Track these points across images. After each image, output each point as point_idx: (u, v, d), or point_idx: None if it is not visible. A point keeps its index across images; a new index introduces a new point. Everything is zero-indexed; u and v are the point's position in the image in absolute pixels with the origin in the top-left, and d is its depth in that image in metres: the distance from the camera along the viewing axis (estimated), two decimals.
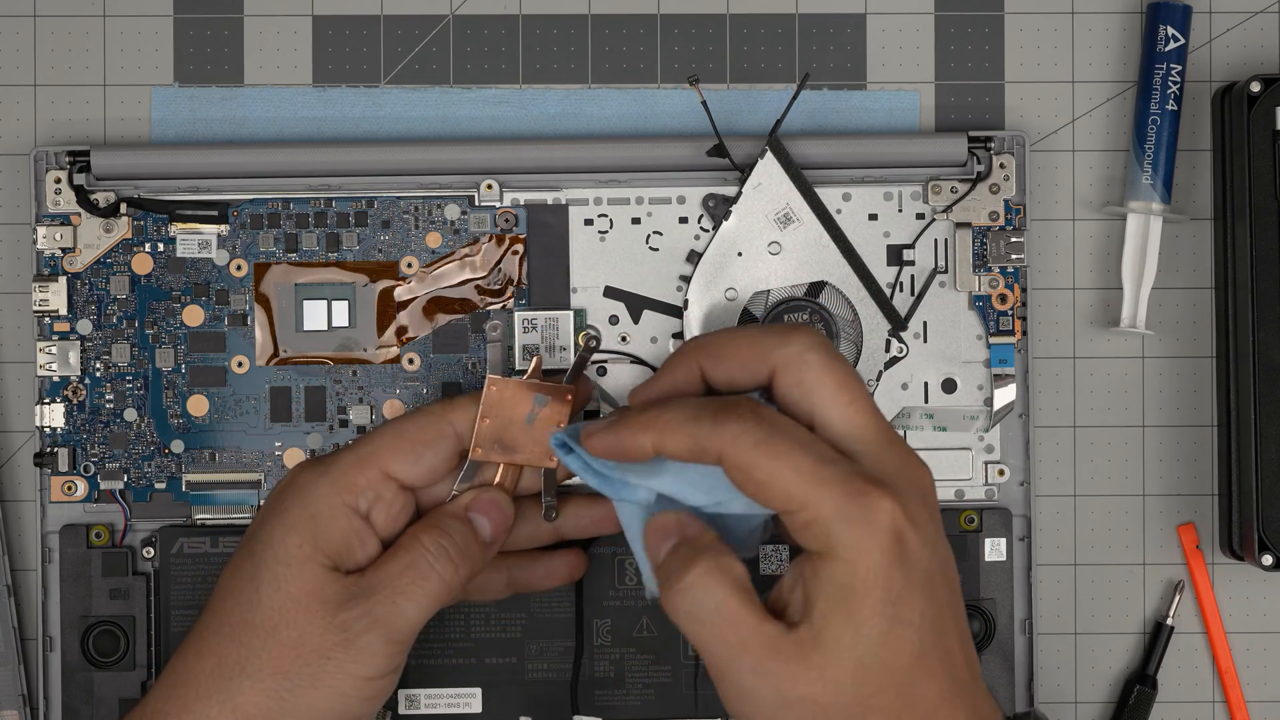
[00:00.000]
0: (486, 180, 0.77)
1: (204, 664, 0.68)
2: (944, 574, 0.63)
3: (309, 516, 0.68)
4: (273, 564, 0.68)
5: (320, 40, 0.80)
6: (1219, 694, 0.79)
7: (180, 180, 0.77)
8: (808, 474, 0.62)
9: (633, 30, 0.80)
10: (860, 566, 0.62)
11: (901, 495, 0.62)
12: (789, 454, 0.62)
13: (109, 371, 0.77)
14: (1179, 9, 0.78)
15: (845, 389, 0.64)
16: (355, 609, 0.67)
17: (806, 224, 0.77)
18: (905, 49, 0.80)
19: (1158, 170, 0.78)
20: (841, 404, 0.64)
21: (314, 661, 0.67)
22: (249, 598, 0.68)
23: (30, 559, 0.79)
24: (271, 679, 0.67)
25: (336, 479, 0.69)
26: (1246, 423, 0.76)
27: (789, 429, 0.63)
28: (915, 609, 0.62)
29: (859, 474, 0.62)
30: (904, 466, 0.64)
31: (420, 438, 0.70)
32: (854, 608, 0.62)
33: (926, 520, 0.63)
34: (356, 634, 0.67)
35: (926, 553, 0.62)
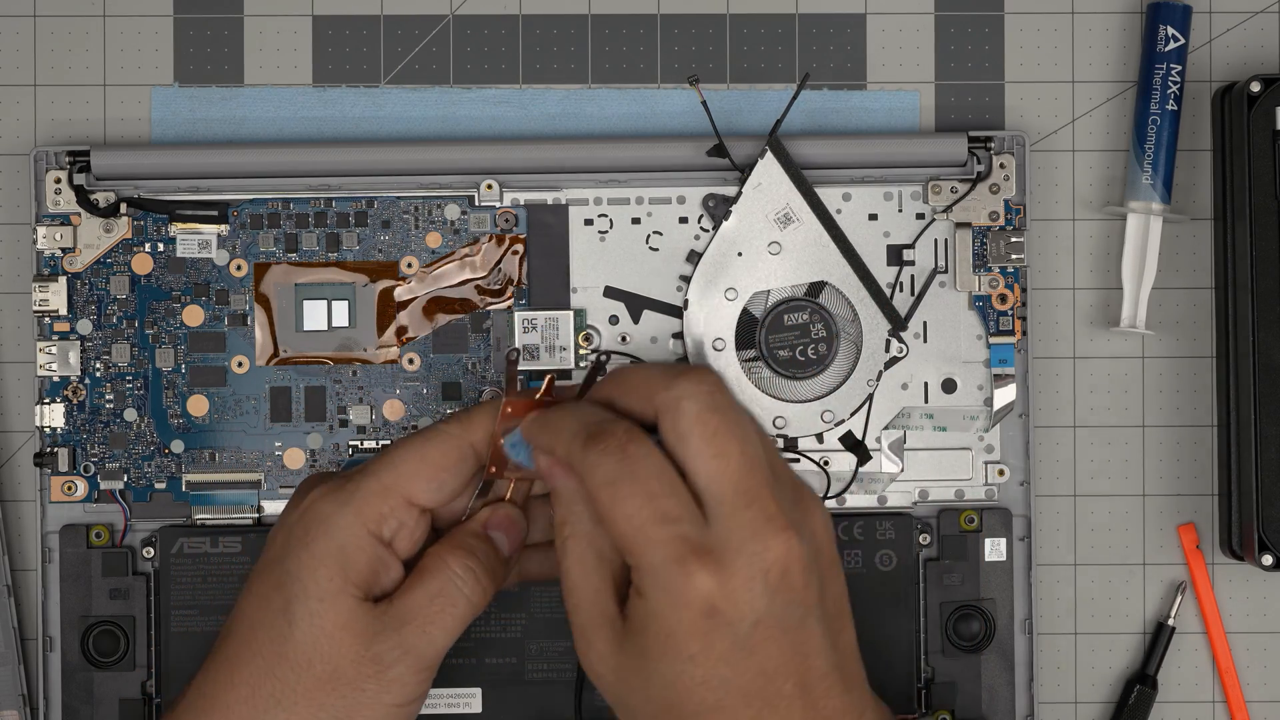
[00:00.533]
0: (486, 180, 0.77)
1: (236, 693, 0.68)
2: (776, 638, 0.64)
3: (336, 549, 0.68)
4: (304, 598, 0.68)
5: (320, 40, 0.80)
6: (1219, 694, 0.79)
7: (180, 180, 0.77)
8: (638, 527, 0.63)
9: (633, 30, 0.80)
10: (661, 623, 0.63)
11: (727, 568, 0.63)
12: (628, 501, 0.63)
13: (109, 371, 0.77)
14: (1179, 9, 0.78)
15: (713, 443, 0.64)
16: (388, 640, 0.68)
17: (806, 224, 0.77)
18: (905, 49, 0.80)
19: (1158, 170, 0.78)
20: (705, 457, 0.64)
21: (349, 694, 0.68)
22: (281, 631, 0.68)
23: (30, 559, 0.79)
24: (306, 710, 0.68)
25: (360, 509, 0.69)
26: (1246, 423, 0.76)
27: (645, 475, 0.64)
28: (712, 670, 0.63)
29: (687, 541, 0.63)
30: (752, 536, 0.63)
31: (442, 463, 0.70)
32: (648, 645, 0.64)
33: (757, 594, 0.63)
34: (389, 665, 0.68)
35: (745, 625, 0.63)
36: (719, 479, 0.64)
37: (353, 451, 0.78)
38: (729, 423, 0.64)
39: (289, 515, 0.70)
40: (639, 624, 0.64)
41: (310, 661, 0.68)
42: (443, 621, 0.69)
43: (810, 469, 0.77)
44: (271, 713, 0.68)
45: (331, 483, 0.70)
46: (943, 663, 0.77)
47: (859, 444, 0.77)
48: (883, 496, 0.78)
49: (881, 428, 0.78)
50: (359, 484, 0.69)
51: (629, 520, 0.63)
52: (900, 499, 0.78)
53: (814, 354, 0.77)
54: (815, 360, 0.77)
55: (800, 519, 0.65)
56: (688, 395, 0.64)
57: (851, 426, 0.78)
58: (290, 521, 0.70)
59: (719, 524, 0.64)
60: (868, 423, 0.78)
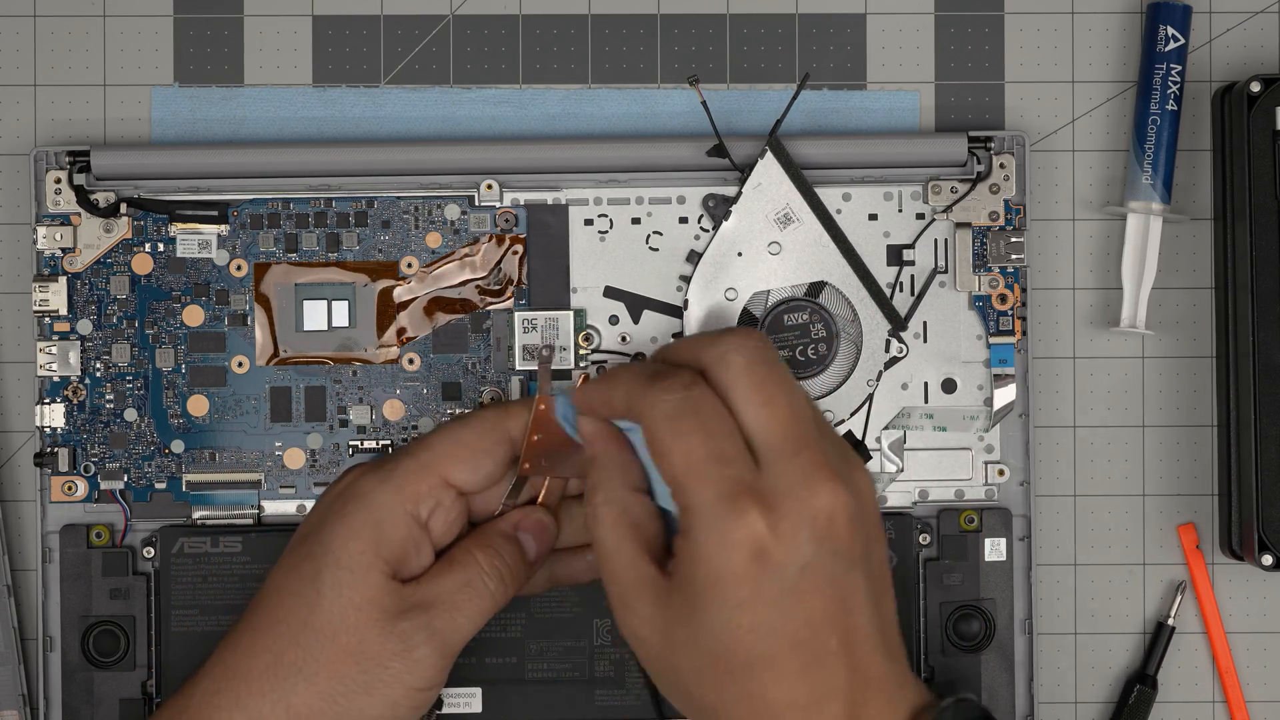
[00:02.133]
0: (486, 180, 0.77)
1: (258, 661, 0.68)
2: (822, 588, 0.64)
3: (373, 523, 0.69)
4: (334, 568, 0.68)
5: (320, 40, 0.80)
6: (1219, 694, 0.79)
7: (180, 180, 0.77)
8: (694, 464, 0.64)
9: (633, 30, 0.80)
10: (706, 567, 0.63)
11: (777, 512, 0.63)
12: (688, 437, 0.64)
13: (109, 371, 0.77)
14: (1179, 9, 0.78)
15: (760, 390, 0.65)
16: (414, 620, 0.68)
17: (806, 224, 0.77)
18: (905, 49, 0.80)
19: (1158, 170, 0.78)
20: (754, 404, 0.65)
21: (371, 669, 0.68)
22: (309, 600, 0.68)
23: (30, 559, 0.79)
24: (327, 682, 0.68)
25: (400, 485, 0.69)
26: (1246, 423, 0.76)
27: (706, 414, 0.64)
28: (761, 616, 0.63)
29: (741, 481, 0.64)
30: (800, 482, 0.64)
31: (479, 445, 0.70)
32: (696, 594, 0.64)
33: (804, 540, 0.63)
34: (414, 645, 0.68)
35: (793, 570, 0.63)
36: (768, 426, 0.65)
37: (352, 452, 0.78)
38: (775, 374, 0.65)
39: (328, 494, 0.71)
40: (686, 573, 0.64)
41: (336, 632, 0.68)
42: (468, 610, 0.69)
43: None
44: (292, 681, 0.68)
45: (372, 463, 0.71)
46: (943, 663, 0.77)
47: (859, 444, 0.77)
48: (883, 496, 0.78)
49: (881, 428, 0.78)
50: (398, 463, 0.70)
51: (687, 456, 0.64)
52: (900, 499, 0.78)
53: (814, 354, 0.77)
54: (815, 360, 0.77)
55: (847, 473, 0.65)
56: (734, 348, 0.65)
57: (851, 426, 0.78)
58: (329, 499, 0.71)
59: (769, 469, 0.64)
60: (868, 423, 0.78)
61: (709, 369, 0.66)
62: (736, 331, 0.66)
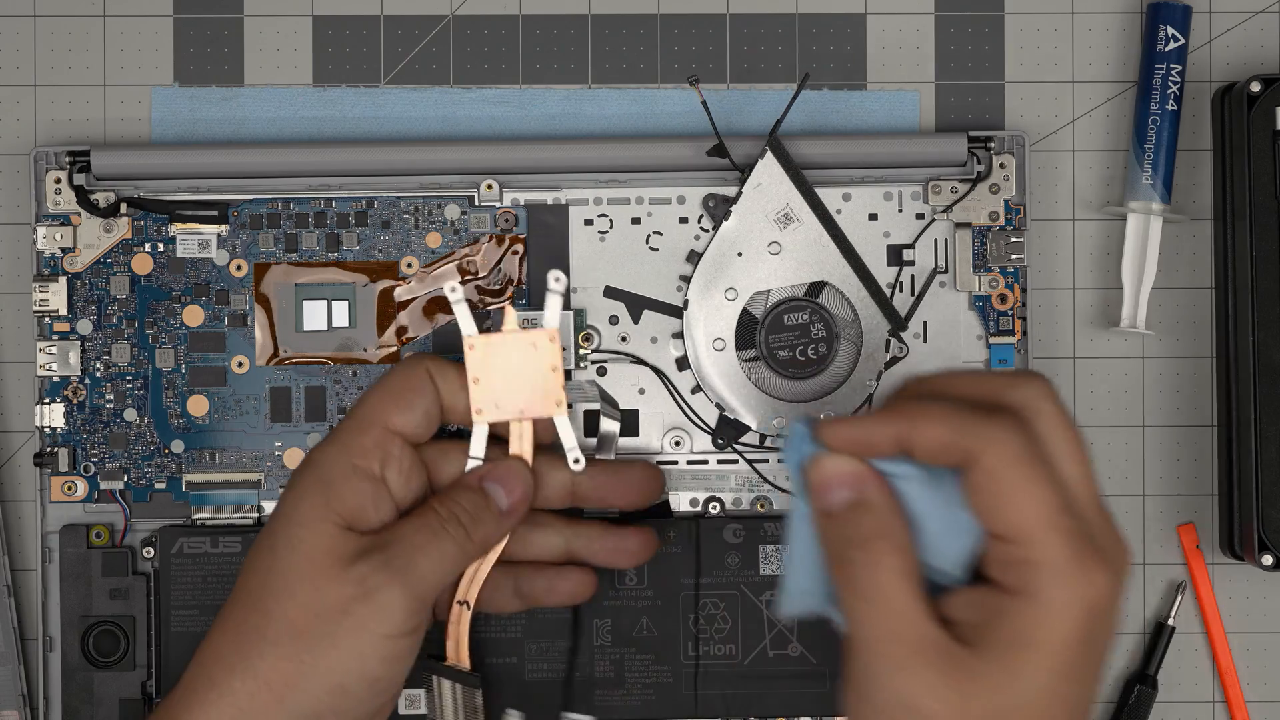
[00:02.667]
0: (486, 180, 0.77)
1: (226, 637, 0.68)
2: (1103, 662, 0.61)
3: (320, 480, 0.69)
4: (286, 527, 0.68)
5: (320, 40, 0.80)
6: (1219, 694, 0.79)
7: (180, 180, 0.77)
8: (1048, 513, 0.59)
9: (633, 30, 0.80)
10: (1052, 626, 0.59)
11: (1113, 575, 0.60)
12: (1040, 483, 0.59)
13: (109, 371, 0.77)
14: (1179, 9, 0.78)
15: (1078, 446, 0.61)
16: (370, 561, 0.67)
17: (806, 224, 0.77)
18: (905, 49, 0.80)
19: (1158, 170, 0.78)
20: (1075, 461, 0.61)
21: (332, 619, 0.67)
22: (266, 564, 0.68)
23: (30, 559, 0.79)
24: (291, 643, 0.67)
25: (344, 443, 0.70)
26: (1246, 423, 0.76)
27: (1048, 457, 0.60)
28: (1076, 688, 0.59)
29: (1089, 536, 0.59)
30: (1117, 546, 0.60)
31: (406, 386, 0.71)
32: (1025, 660, 0.59)
33: (1117, 609, 0.60)
34: (374, 588, 0.67)
35: (1105, 639, 0.60)
36: (1087, 485, 0.61)
37: None
38: (1078, 429, 0.61)
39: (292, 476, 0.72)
40: (1007, 637, 0.59)
41: (293, 588, 0.67)
42: (428, 550, 0.68)
43: None
44: (258, 647, 0.67)
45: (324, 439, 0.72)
46: None
47: None
48: None
49: None
50: (341, 425, 0.71)
51: (1039, 503, 0.59)
52: None
53: (814, 354, 0.77)
54: (815, 360, 0.77)
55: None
56: (1045, 396, 0.61)
57: None
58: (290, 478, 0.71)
59: (1091, 528, 0.60)
60: None
61: (1022, 411, 0.60)
62: (1036, 375, 0.62)
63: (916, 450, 0.61)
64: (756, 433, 0.77)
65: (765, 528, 0.77)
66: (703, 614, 0.77)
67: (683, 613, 0.77)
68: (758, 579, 0.77)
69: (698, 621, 0.77)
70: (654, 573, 0.77)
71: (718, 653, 0.77)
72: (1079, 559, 0.59)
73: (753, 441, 0.77)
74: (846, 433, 0.62)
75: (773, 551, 0.77)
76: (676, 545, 0.77)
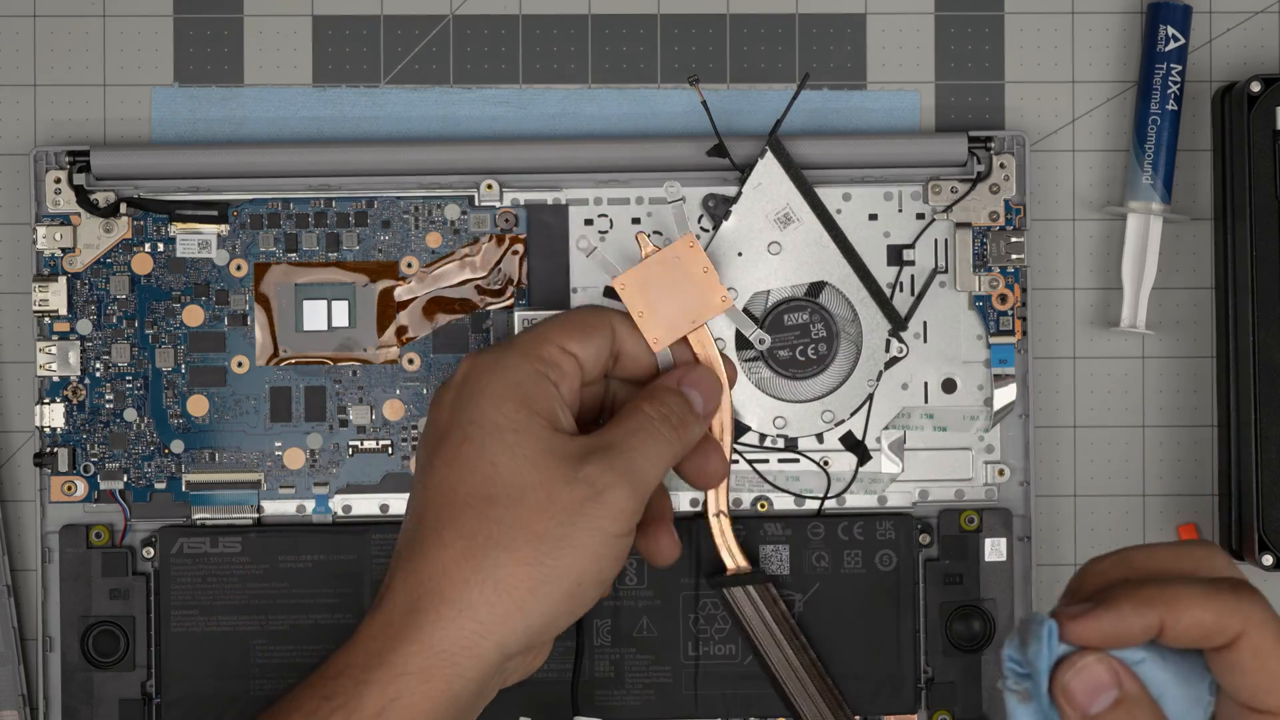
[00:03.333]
0: (486, 180, 0.77)
1: (449, 552, 0.65)
2: None
3: (514, 384, 0.67)
4: (499, 434, 0.66)
5: (320, 40, 0.80)
6: None
7: (180, 180, 0.77)
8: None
9: (633, 30, 0.80)
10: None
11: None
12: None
13: (109, 371, 0.77)
14: (1179, 9, 0.78)
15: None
16: (596, 463, 0.67)
17: (806, 224, 0.77)
18: (905, 49, 0.80)
19: (1158, 170, 0.78)
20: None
21: (567, 520, 0.66)
22: (485, 474, 0.66)
23: (30, 559, 0.79)
24: (528, 546, 0.65)
25: (525, 351, 0.68)
26: (1246, 423, 0.76)
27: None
28: None
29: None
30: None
31: (586, 322, 0.70)
32: None
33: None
34: (604, 487, 0.66)
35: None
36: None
37: (352, 452, 0.78)
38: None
39: (445, 394, 0.69)
40: None
41: (522, 492, 0.66)
42: (647, 451, 0.68)
43: (810, 469, 0.77)
44: (493, 555, 0.65)
45: (480, 350, 0.69)
46: (943, 663, 0.77)
47: (859, 444, 0.77)
48: (883, 496, 0.78)
49: (881, 428, 0.78)
50: (513, 339, 0.69)
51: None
52: (900, 499, 0.78)
53: (814, 354, 0.77)
54: (815, 360, 0.77)
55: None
56: (1271, 620, 0.60)
57: (851, 426, 0.78)
58: (449, 397, 0.68)
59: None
60: (868, 423, 0.78)
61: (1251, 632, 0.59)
62: (1249, 590, 0.60)
63: (1173, 634, 0.60)
64: (756, 432, 0.77)
65: (765, 528, 0.77)
66: (702, 614, 0.77)
67: (683, 613, 0.77)
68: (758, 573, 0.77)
69: (698, 621, 0.77)
70: (654, 573, 0.77)
71: (718, 653, 0.77)
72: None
73: (753, 441, 0.77)
74: (1101, 628, 0.60)
75: (773, 551, 0.77)
76: None
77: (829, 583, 0.77)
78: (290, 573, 0.77)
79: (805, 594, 0.77)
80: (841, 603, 0.77)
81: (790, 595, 0.77)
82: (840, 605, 0.77)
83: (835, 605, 0.77)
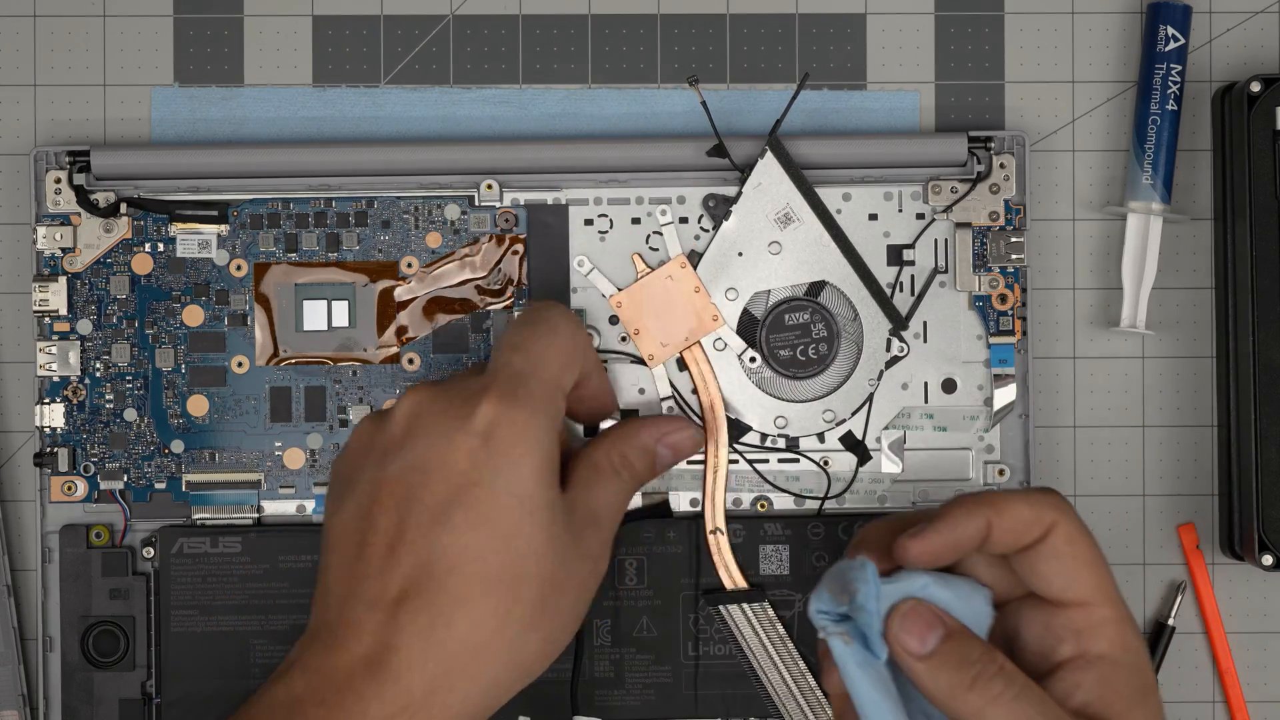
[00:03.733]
0: (486, 180, 0.77)
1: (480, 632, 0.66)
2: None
3: (545, 456, 0.68)
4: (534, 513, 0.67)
5: (320, 40, 0.80)
6: (1219, 694, 0.79)
7: (180, 180, 0.77)
8: (1109, 576, 0.67)
9: (633, 30, 0.80)
10: (1145, 672, 0.67)
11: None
12: (1097, 546, 0.67)
13: (109, 371, 0.77)
14: (1179, 9, 0.78)
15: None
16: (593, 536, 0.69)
17: (807, 224, 0.77)
18: (905, 49, 0.80)
19: (1158, 170, 0.78)
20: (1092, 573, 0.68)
21: (578, 597, 0.69)
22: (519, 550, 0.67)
23: (30, 559, 0.79)
24: (548, 623, 0.68)
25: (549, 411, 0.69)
26: (1246, 423, 0.76)
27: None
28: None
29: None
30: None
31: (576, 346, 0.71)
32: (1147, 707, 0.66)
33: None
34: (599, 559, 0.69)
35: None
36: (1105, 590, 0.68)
37: None
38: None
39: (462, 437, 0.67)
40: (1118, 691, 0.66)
41: (552, 573, 0.67)
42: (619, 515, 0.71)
43: (810, 469, 0.77)
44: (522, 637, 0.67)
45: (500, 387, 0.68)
46: None
47: (859, 444, 0.77)
48: (883, 496, 0.78)
49: (882, 428, 0.78)
50: (531, 388, 0.68)
51: (1105, 569, 0.67)
52: (900, 499, 0.78)
53: (815, 354, 0.77)
54: (816, 360, 0.77)
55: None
56: (1074, 514, 0.67)
57: (852, 426, 0.78)
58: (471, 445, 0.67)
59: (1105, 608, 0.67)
60: (868, 423, 0.78)
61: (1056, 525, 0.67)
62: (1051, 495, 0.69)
63: (998, 533, 0.66)
64: (757, 432, 0.77)
65: (765, 528, 0.77)
66: (702, 614, 0.77)
67: (683, 613, 0.77)
68: (757, 579, 0.77)
69: (698, 621, 0.77)
70: (654, 573, 0.77)
71: (718, 653, 0.77)
72: (1128, 614, 0.67)
73: (753, 441, 0.77)
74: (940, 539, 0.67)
75: (772, 551, 0.77)
76: (676, 545, 0.77)
77: None
78: (290, 573, 0.77)
79: (805, 594, 0.77)
80: None
81: (790, 595, 0.77)
82: None
83: None
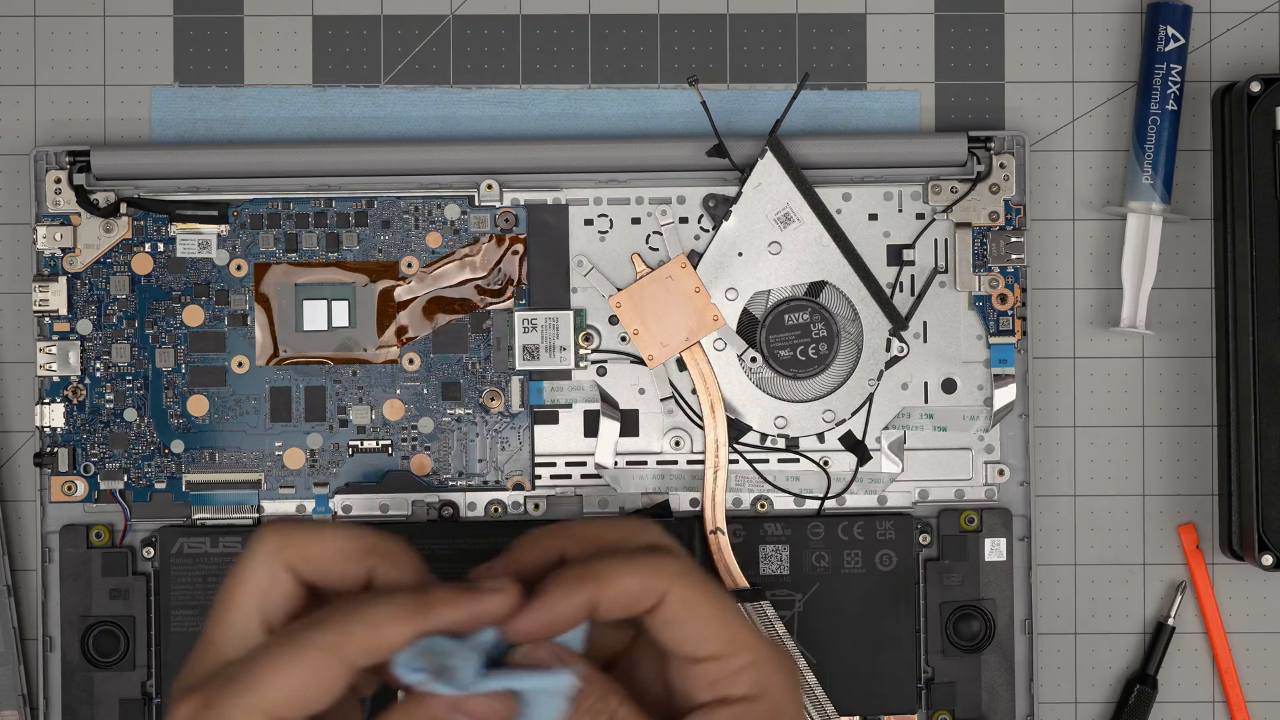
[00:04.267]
0: (486, 180, 0.78)
1: None
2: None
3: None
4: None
5: (320, 40, 0.80)
6: (1219, 694, 0.79)
7: (180, 180, 0.77)
8: (742, 620, 0.60)
9: (633, 30, 0.80)
10: (782, 692, 0.59)
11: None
12: (725, 598, 0.59)
13: (109, 371, 0.77)
14: (1179, 9, 0.78)
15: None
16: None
17: (806, 224, 0.77)
18: (905, 49, 0.80)
19: (1158, 170, 0.78)
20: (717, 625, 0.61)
21: None
22: None
23: (30, 559, 0.79)
24: None
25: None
26: (1246, 423, 0.76)
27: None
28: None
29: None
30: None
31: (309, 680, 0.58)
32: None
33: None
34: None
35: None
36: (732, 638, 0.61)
37: (352, 452, 0.78)
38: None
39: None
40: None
41: None
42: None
43: (810, 469, 0.78)
44: None
45: (198, 696, 0.57)
46: (943, 663, 0.77)
47: (859, 444, 0.78)
48: (883, 496, 0.78)
49: (881, 428, 0.78)
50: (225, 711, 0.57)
51: (736, 616, 0.60)
52: (900, 499, 0.78)
53: (814, 354, 0.77)
54: (816, 360, 0.77)
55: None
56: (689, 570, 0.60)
57: (852, 426, 0.78)
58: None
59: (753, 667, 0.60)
60: (868, 422, 0.78)
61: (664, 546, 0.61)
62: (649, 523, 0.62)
63: (606, 606, 0.59)
64: (757, 432, 0.77)
65: (765, 528, 0.77)
66: None
67: None
68: (757, 579, 0.77)
69: None
70: None
71: None
72: (773, 646, 0.60)
73: (753, 441, 0.77)
74: (540, 619, 0.59)
75: (772, 551, 0.77)
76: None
77: (829, 583, 0.77)
78: None
79: (805, 594, 0.77)
80: (841, 603, 0.77)
81: (790, 595, 0.77)
82: (840, 605, 0.77)
83: (835, 605, 0.77)
